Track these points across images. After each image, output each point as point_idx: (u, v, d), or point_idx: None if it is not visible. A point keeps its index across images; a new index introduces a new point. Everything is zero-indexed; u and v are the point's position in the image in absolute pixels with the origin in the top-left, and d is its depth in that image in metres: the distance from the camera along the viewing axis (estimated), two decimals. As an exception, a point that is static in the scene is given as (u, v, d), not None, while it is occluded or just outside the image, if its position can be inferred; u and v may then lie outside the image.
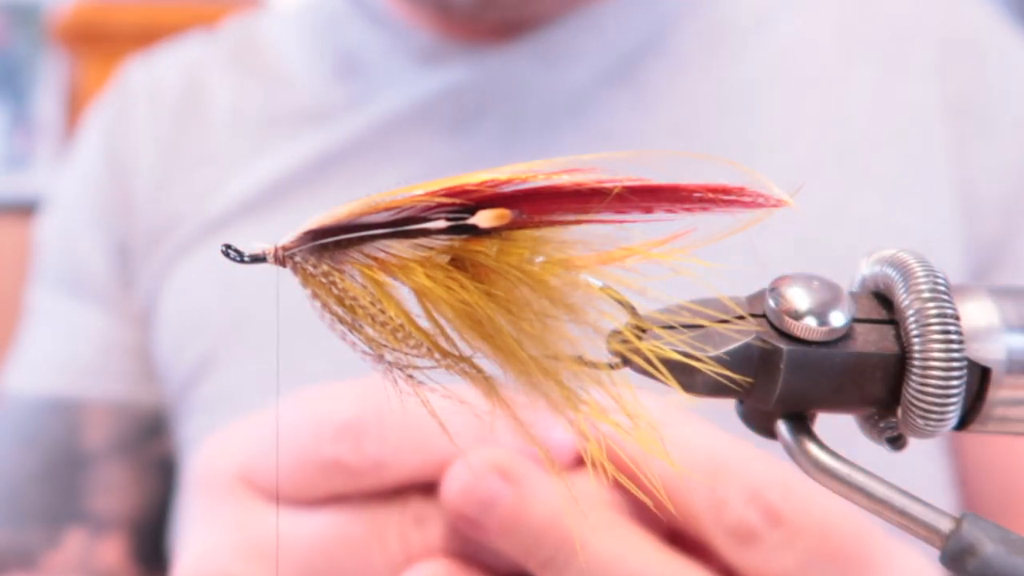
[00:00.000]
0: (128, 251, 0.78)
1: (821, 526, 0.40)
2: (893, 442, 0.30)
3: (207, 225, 0.75)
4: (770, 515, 0.39)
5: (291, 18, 0.84)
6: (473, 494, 0.38)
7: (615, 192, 0.27)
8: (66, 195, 0.84)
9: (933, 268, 0.29)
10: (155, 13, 2.19)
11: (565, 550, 0.38)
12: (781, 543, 0.39)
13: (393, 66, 0.75)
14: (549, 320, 0.28)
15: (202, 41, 0.86)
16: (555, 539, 0.38)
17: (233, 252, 0.30)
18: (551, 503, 0.38)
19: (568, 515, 0.38)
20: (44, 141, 2.46)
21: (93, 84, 2.18)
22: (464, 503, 0.38)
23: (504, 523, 0.37)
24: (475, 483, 0.38)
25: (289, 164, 0.74)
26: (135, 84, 0.84)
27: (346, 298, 0.29)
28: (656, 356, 0.28)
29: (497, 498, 0.37)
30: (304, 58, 0.79)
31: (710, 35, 0.72)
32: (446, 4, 0.69)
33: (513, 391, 0.29)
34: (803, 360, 0.28)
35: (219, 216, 0.75)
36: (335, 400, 0.42)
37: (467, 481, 0.38)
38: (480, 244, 0.28)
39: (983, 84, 0.70)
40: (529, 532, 0.38)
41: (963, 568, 0.27)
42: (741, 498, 0.39)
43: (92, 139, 0.84)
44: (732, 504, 0.39)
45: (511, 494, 0.38)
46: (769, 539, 0.39)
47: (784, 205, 0.28)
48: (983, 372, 0.28)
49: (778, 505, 0.39)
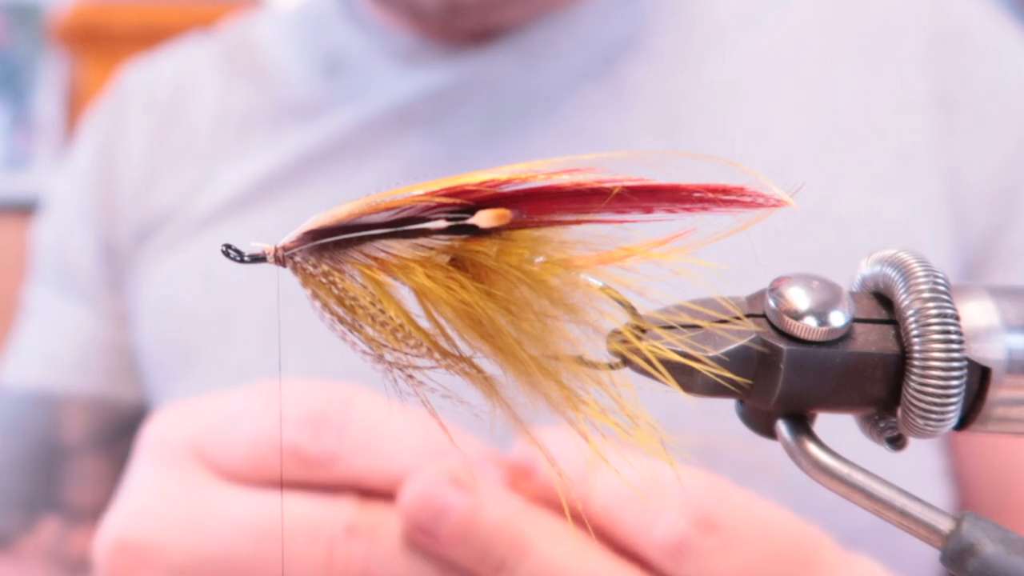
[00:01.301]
0: (115, 251, 0.80)
1: (760, 531, 0.40)
2: (893, 442, 0.30)
3: (192, 223, 0.76)
4: (702, 523, 0.40)
5: (283, 18, 0.85)
6: (428, 501, 0.39)
7: (615, 192, 0.27)
8: (61, 196, 0.85)
9: (933, 268, 0.29)
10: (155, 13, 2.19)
11: (516, 555, 0.39)
12: (716, 550, 0.40)
13: (375, 66, 0.76)
14: (549, 320, 0.28)
15: (198, 43, 0.87)
16: (506, 545, 0.39)
17: (233, 252, 0.30)
18: (502, 510, 0.40)
19: (519, 522, 0.40)
20: (44, 141, 2.46)
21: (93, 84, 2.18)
22: (419, 509, 0.39)
23: (456, 529, 0.39)
24: (430, 490, 0.39)
25: (273, 163, 0.75)
26: (131, 88, 0.86)
27: (346, 298, 0.29)
28: (656, 356, 0.28)
29: (450, 505, 0.39)
30: (291, 58, 0.80)
31: (689, 32, 0.72)
32: (417, 10, 0.70)
33: (513, 391, 0.29)
34: (803, 360, 0.28)
35: (204, 214, 0.76)
36: (306, 393, 0.44)
37: (422, 489, 0.40)
38: (480, 244, 0.28)
39: (971, 75, 0.70)
40: (481, 538, 0.39)
41: (963, 568, 0.27)
42: (672, 511, 0.40)
43: (88, 142, 0.85)
44: (663, 517, 0.40)
45: (463, 501, 0.39)
46: (703, 547, 0.40)
47: (784, 205, 0.28)
48: (983, 372, 0.28)
49: (711, 513, 0.40)
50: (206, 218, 0.75)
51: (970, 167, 0.68)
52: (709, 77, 0.71)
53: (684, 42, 0.72)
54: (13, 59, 2.48)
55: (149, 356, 0.77)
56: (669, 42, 0.72)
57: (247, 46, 0.84)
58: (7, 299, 1.34)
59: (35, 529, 0.76)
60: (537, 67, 0.72)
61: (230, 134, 0.79)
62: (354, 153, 0.73)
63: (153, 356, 0.76)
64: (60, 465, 0.77)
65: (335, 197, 0.29)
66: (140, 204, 0.79)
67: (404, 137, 0.73)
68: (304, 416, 0.43)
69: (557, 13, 0.73)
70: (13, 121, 2.47)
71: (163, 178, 0.79)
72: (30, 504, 0.77)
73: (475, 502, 0.39)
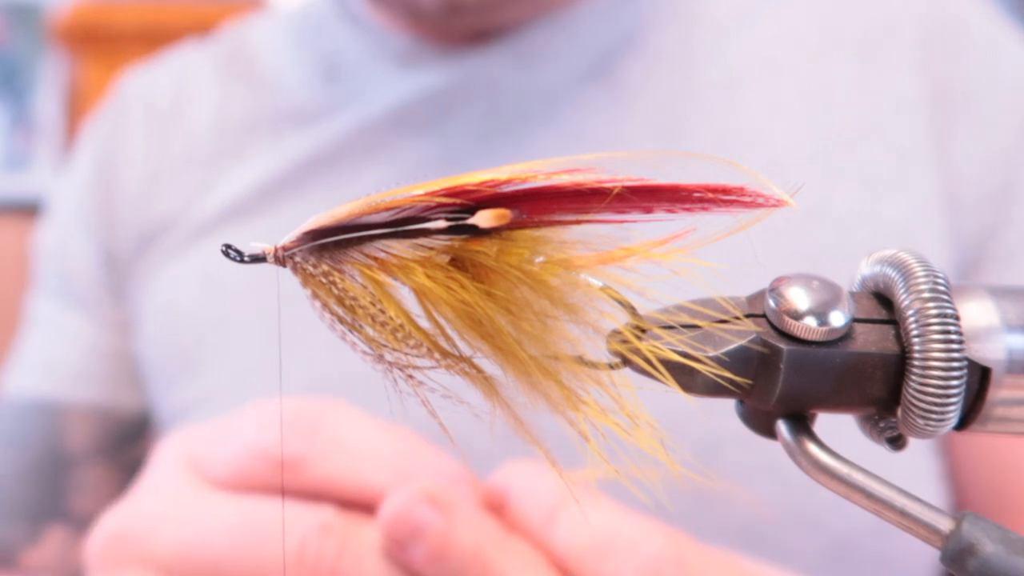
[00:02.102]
0: (116, 258, 0.80)
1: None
2: (893, 442, 0.30)
3: (192, 230, 0.76)
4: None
5: (280, 22, 0.85)
6: (405, 517, 0.40)
7: (615, 192, 0.27)
8: (62, 203, 0.86)
9: (933, 268, 0.29)
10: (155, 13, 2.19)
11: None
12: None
13: (373, 69, 0.76)
14: (549, 320, 0.28)
15: (196, 48, 0.87)
16: (479, 568, 0.40)
17: (233, 252, 0.30)
18: (477, 535, 0.40)
19: (492, 549, 0.40)
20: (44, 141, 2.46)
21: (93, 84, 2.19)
22: (396, 527, 0.40)
23: (430, 549, 0.40)
24: (407, 507, 0.40)
25: (272, 168, 0.75)
26: (130, 95, 0.86)
27: (346, 298, 0.29)
28: (656, 356, 0.28)
29: (427, 524, 0.40)
30: (289, 62, 0.80)
31: (686, 32, 0.72)
32: (416, 10, 0.70)
33: (513, 391, 0.29)
34: (803, 360, 0.28)
35: (204, 221, 0.76)
36: (288, 406, 0.45)
37: (400, 504, 0.40)
38: (480, 244, 0.28)
39: (966, 73, 0.70)
40: (453, 561, 0.40)
41: (963, 568, 0.27)
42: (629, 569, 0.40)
43: (87, 149, 0.85)
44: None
45: (440, 522, 0.40)
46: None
47: (784, 205, 0.28)
48: (983, 372, 0.28)
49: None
50: (207, 224, 0.76)
51: (967, 165, 0.68)
52: (707, 77, 0.71)
53: (682, 42, 0.72)
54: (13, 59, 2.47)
55: (151, 362, 0.77)
56: (667, 42, 0.72)
57: (245, 51, 0.83)
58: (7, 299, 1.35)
59: (40, 540, 0.76)
60: (535, 68, 0.72)
61: (229, 140, 0.79)
62: (353, 157, 0.73)
63: (155, 362, 0.76)
64: (64, 474, 0.77)
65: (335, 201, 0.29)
66: (141, 211, 0.79)
67: (403, 140, 0.73)
68: (278, 423, 0.45)
69: (555, 13, 0.73)
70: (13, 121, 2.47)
71: (163, 185, 0.79)
72: (35, 515, 0.77)
73: (451, 524, 0.40)
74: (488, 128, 0.71)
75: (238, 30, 0.87)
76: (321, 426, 0.44)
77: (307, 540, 0.41)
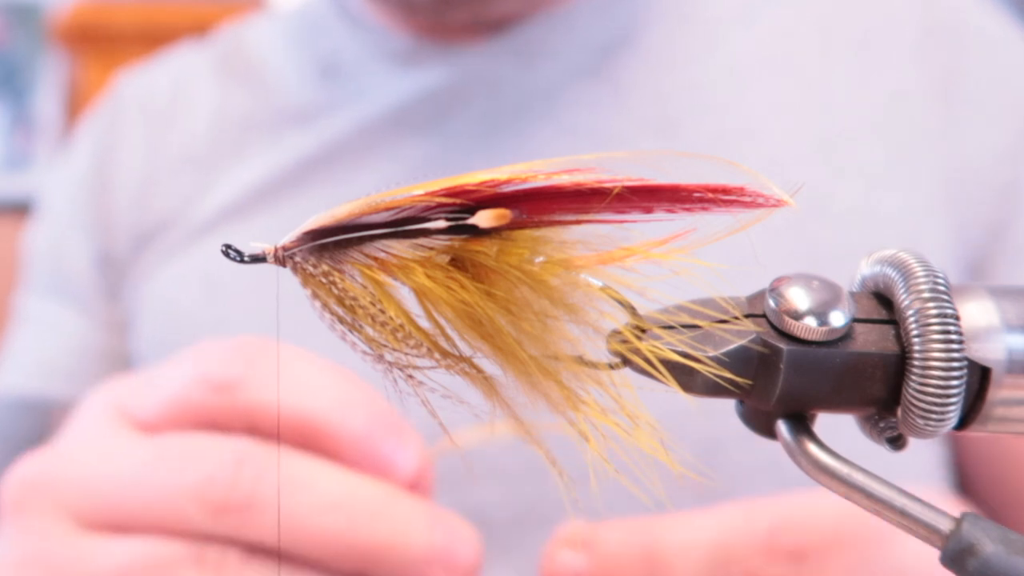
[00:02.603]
0: (112, 259, 0.80)
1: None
2: (893, 442, 0.30)
3: (191, 230, 0.76)
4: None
5: (278, 22, 0.85)
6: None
7: (615, 192, 0.27)
8: (56, 202, 0.85)
9: (933, 268, 0.29)
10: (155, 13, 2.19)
11: None
12: None
13: (371, 68, 0.76)
14: (549, 320, 0.28)
15: (194, 49, 0.87)
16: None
17: (233, 252, 0.30)
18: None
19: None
20: (44, 141, 2.46)
21: (93, 84, 2.19)
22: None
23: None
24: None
25: (271, 168, 0.75)
26: (127, 95, 0.85)
27: (346, 298, 0.29)
28: (656, 356, 0.28)
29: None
30: (288, 62, 0.80)
31: (685, 29, 0.72)
32: (409, 3, 0.69)
33: (513, 391, 0.29)
34: (803, 360, 0.28)
35: (203, 221, 0.76)
36: (231, 341, 0.46)
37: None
38: (480, 244, 0.28)
39: (968, 69, 0.70)
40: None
41: (963, 568, 0.27)
42: None
43: (83, 148, 0.85)
44: None
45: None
46: None
47: (784, 205, 0.28)
48: (983, 372, 0.28)
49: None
50: (205, 224, 0.75)
51: (969, 161, 0.67)
52: (706, 75, 0.71)
53: (681, 39, 0.72)
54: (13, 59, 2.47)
55: (149, 362, 0.76)
56: (666, 39, 0.72)
57: (243, 51, 0.83)
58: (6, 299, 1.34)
59: None
60: (534, 65, 0.72)
61: (228, 140, 0.78)
62: (352, 156, 0.73)
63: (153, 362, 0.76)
64: None
65: (334, 201, 0.29)
66: (138, 212, 0.79)
67: (402, 139, 0.73)
68: (219, 352, 0.44)
69: (552, 9, 0.73)
70: (13, 121, 2.47)
71: (161, 185, 0.79)
72: None
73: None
74: (487, 126, 0.71)
75: (236, 30, 0.87)
76: (262, 355, 0.44)
77: (219, 470, 0.41)
